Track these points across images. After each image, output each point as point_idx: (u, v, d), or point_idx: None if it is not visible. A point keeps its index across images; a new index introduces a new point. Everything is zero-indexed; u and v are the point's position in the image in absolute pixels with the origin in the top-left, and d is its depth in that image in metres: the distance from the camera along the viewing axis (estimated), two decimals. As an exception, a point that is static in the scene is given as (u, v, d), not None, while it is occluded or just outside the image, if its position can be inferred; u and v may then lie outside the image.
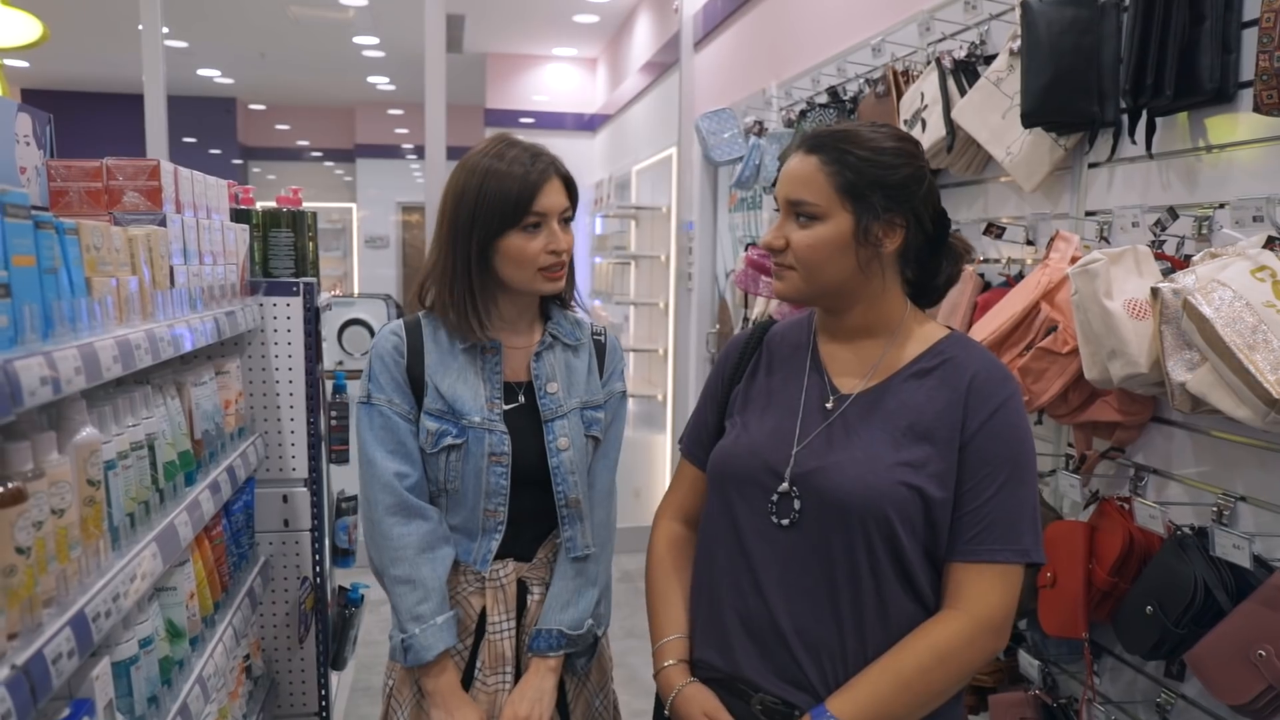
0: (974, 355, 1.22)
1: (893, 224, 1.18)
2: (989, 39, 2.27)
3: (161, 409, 1.50)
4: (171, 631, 1.49)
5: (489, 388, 1.45)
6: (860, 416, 1.20)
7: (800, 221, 1.18)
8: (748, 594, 1.21)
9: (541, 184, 1.39)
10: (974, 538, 1.14)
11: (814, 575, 1.17)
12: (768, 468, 1.21)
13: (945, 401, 1.17)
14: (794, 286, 1.21)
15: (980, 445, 1.15)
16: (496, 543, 1.45)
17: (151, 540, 1.29)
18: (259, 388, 2.10)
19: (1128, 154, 1.82)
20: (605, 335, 1.59)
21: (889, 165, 1.17)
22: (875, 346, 1.24)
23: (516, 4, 6.49)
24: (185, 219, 1.62)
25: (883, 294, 1.23)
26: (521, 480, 1.44)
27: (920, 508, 1.14)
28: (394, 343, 1.45)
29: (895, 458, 1.15)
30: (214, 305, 1.74)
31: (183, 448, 1.56)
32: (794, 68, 3.58)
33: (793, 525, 1.17)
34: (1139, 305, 1.54)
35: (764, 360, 1.34)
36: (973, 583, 1.14)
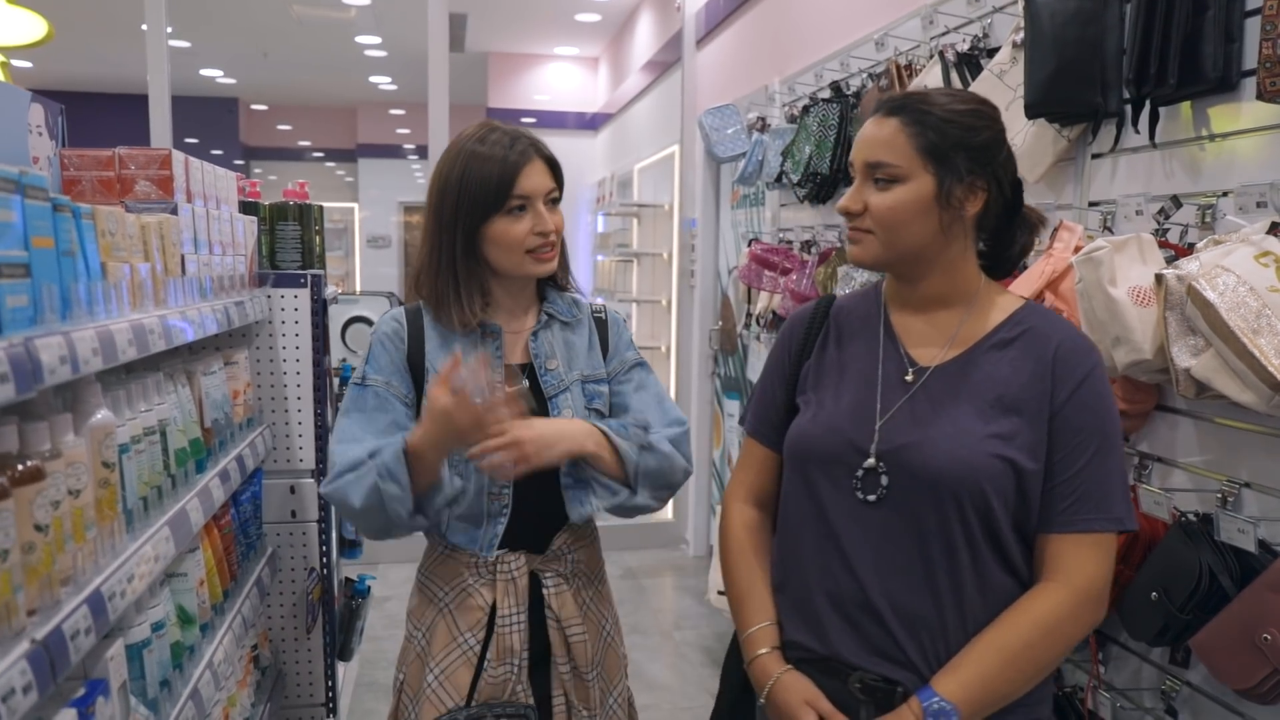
0: (1055, 324, 1.21)
1: (974, 187, 1.18)
2: (992, 32, 2.28)
3: (173, 396, 1.51)
4: (183, 617, 1.50)
5: (491, 371, 1.39)
6: (944, 389, 1.19)
7: (879, 185, 1.18)
8: (838, 573, 1.20)
9: (522, 165, 1.37)
10: (1068, 508, 1.14)
11: (907, 551, 1.16)
12: (851, 445, 1.20)
13: (1031, 372, 1.16)
14: (871, 251, 1.20)
15: (1069, 415, 1.14)
16: (502, 527, 1.41)
17: (164, 524, 1.30)
18: (266, 379, 2.11)
19: (1131, 144, 1.83)
20: (606, 312, 1.58)
21: (971, 127, 1.17)
22: (951, 316, 1.23)
23: (518, 3, 6.51)
24: (196, 209, 1.63)
25: (960, 261, 1.22)
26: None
27: (1013, 480, 1.13)
28: (394, 329, 1.44)
29: (986, 430, 1.14)
30: (223, 295, 1.75)
31: (193, 435, 1.57)
32: (797, 64, 3.59)
33: (880, 501, 1.17)
34: (1143, 292, 1.55)
35: (832, 334, 1.32)
36: (1071, 554, 1.14)
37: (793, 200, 3.49)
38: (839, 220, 3.13)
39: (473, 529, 1.42)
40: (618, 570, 4.66)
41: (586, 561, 1.51)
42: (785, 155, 3.33)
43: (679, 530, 5.17)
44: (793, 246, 3.44)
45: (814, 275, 3.06)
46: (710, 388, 4.89)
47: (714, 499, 4.84)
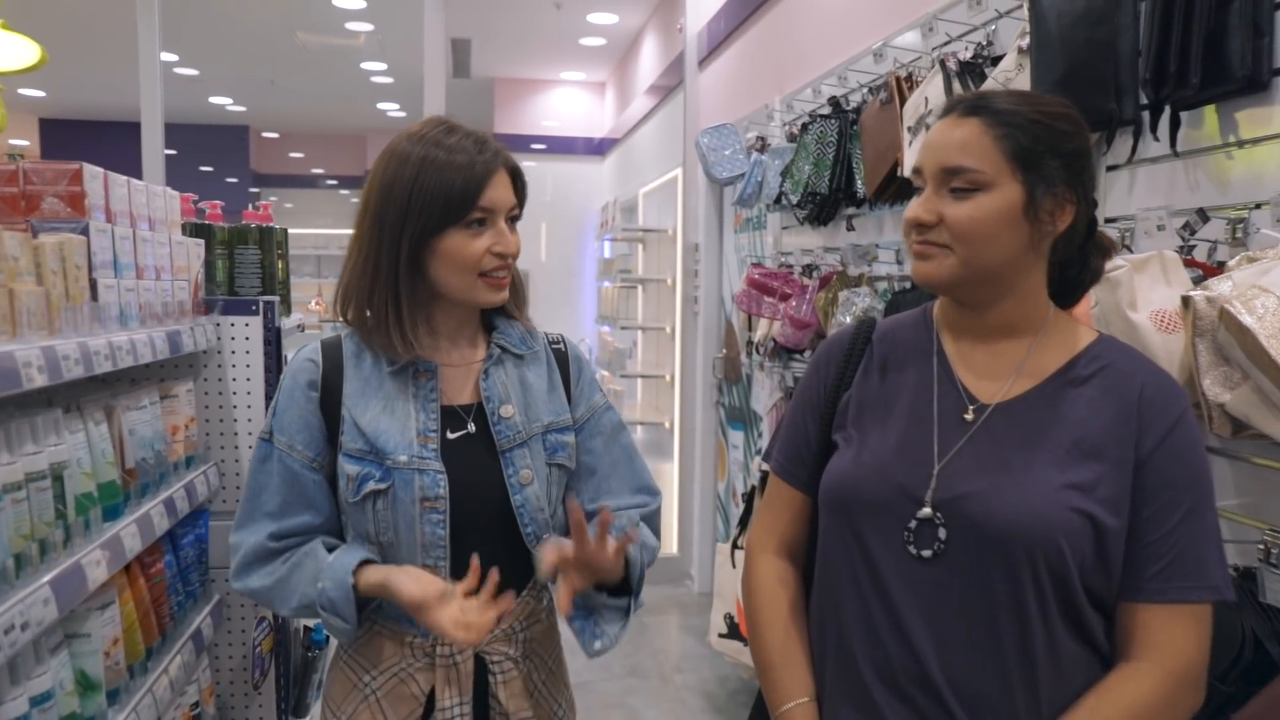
0: (1138, 361, 1.06)
1: (1064, 199, 1.03)
2: (996, 39, 2.13)
3: (80, 435, 1.36)
4: (83, 684, 1.33)
5: (421, 417, 1.21)
6: (1011, 430, 1.04)
7: (956, 194, 1.02)
8: (887, 641, 1.04)
9: (489, 174, 1.19)
10: (1160, 574, 0.99)
11: (970, 618, 1.00)
12: (902, 491, 1.04)
13: (1113, 414, 1.01)
14: (946, 269, 1.03)
15: (1159, 466, 0.99)
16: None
17: (44, 584, 1.15)
18: (215, 413, 1.96)
19: (1150, 153, 1.66)
20: (565, 343, 1.37)
21: (1063, 131, 1.03)
22: (1016, 348, 1.08)
23: (523, 28, 6.44)
24: (117, 229, 1.49)
25: (1036, 286, 1.07)
26: (471, 526, 1.21)
27: (1092, 537, 0.98)
28: (308, 373, 1.23)
29: (1062, 479, 0.99)
30: (153, 323, 1.61)
31: (106, 478, 1.42)
32: (797, 80, 3.45)
33: (936, 558, 1.01)
34: (1167, 317, 1.38)
35: (875, 361, 1.16)
36: (1164, 628, 0.98)
37: (794, 223, 3.33)
38: (840, 243, 2.99)
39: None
40: (618, 608, 4.47)
41: (541, 640, 1.30)
42: (785, 175, 3.18)
43: (683, 565, 4.97)
44: (793, 271, 3.28)
45: (814, 301, 2.89)
46: (715, 417, 4.72)
47: (719, 534, 4.65)
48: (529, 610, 1.27)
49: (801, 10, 3.51)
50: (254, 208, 2.27)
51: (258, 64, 7.58)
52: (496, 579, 1.13)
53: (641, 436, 6.35)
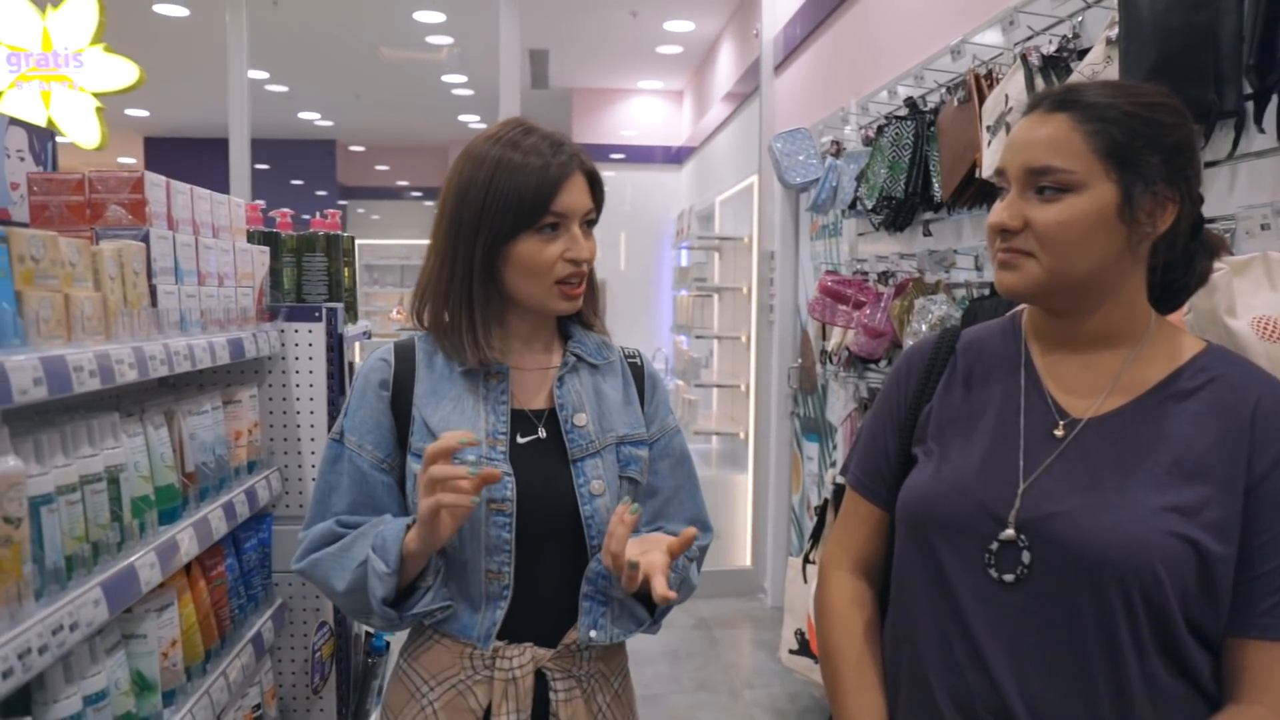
0: (1252, 374, 0.97)
1: (1164, 198, 0.95)
2: (1083, 31, 2.00)
3: (139, 438, 1.38)
4: (139, 684, 1.35)
5: (491, 419, 1.19)
6: (1105, 447, 0.96)
7: (1044, 195, 0.95)
8: (965, 668, 0.98)
9: (564, 178, 1.15)
10: (1273, 609, 0.91)
11: (1055, 648, 0.93)
12: (984, 509, 0.98)
13: (1221, 432, 0.93)
14: (1032, 278, 0.97)
15: (1275, 489, 0.91)
16: (501, 613, 1.16)
17: (95, 586, 1.16)
18: (279, 419, 1.99)
19: (1255, 147, 1.53)
20: (641, 358, 1.34)
21: (1162, 124, 0.94)
22: (1113, 359, 1.00)
23: (599, 37, 6.47)
24: (179, 237, 1.51)
25: (1135, 292, 0.99)
26: (538, 533, 1.17)
27: (1195, 566, 0.90)
28: (380, 373, 1.22)
29: (1161, 501, 0.91)
30: (215, 329, 1.63)
31: (164, 481, 1.44)
32: (873, 83, 3.35)
33: (1019, 582, 0.95)
34: (1272, 324, 1.26)
35: (959, 372, 1.10)
36: (1276, 668, 0.90)
37: (870, 229, 3.23)
38: (916, 249, 2.87)
39: (469, 613, 1.18)
40: (690, 620, 4.40)
41: (606, 659, 1.24)
42: (859, 179, 3.09)
43: (757, 579, 4.88)
44: (868, 278, 3.17)
45: (889, 309, 2.78)
46: (790, 428, 4.62)
47: (793, 548, 4.54)
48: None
49: (878, 11, 3.41)
50: (322, 215, 2.30)
51: (343, 79, 7.81)
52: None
53: (716, 447, 6.27)
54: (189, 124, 9.54)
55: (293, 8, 5.85)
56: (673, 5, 5.79)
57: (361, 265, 11.44)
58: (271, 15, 5.87)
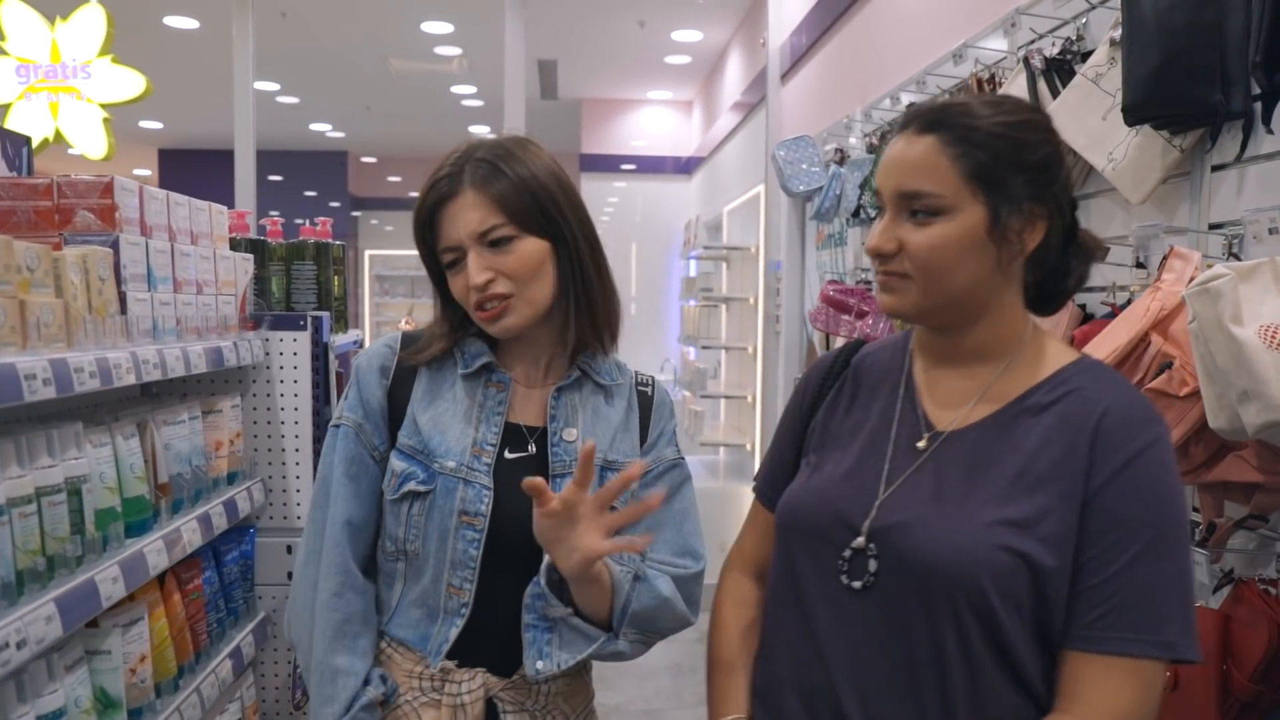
0: (1106, 387, 0.97)
1: (1033, 216, 0.96)
2: (1087, 33, 1.95)
3: (106, 448, 1.34)
4: (103, 701, 1.31)
5: (484, 429, 1.14)
6: (958, 460, 0.98)
7: (917, 219, 0.96)
8: (810, 667, 1.00)
9: (439, 209, 1.10)
10: (1097, 621, 0.90)
11: (892, 655, 0.95)
12: (840, 519, 1.00)
13: (1067, 445, 0.93)
14: (909, 300, 0.99)
15: (1109, 503, 0.91)
16: (455, 630, 1.11)
17: (48, 601, 1.12)
18: (262, 429, 1.95)
19: (1264, 149, 1.47)
20: (653, 386, 1.27)
21: (1026, 142, 0.95)
22: (987, 373, 1.02)
23: (608, 48, 6.46)
24: (153, 243, 1.48)
25: (1010, 307, 1.01)
26: (506, 554, 1.10)
27: (1027, 579, 0.91)
28: (382, 359, 1.18)
29: (997, 515, 0.92)
30: (193, 338, 1.60)
31: (133, 493, 1.40)
32: (878, 90, 3.30)
33: (866, 590, 0.96)
34: (1278, 332, 1.20)
35: (849, 388, 1.12)
36: (1093, 681, 0.90)
37: (873, 236, 3.17)
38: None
39: (426, 624, 1.13)
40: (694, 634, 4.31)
41: (568, 694, 1.16)
42: (863, 187, 3.04)
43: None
44: (871, 287, 3.11)
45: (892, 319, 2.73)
46: (795, 441, 4.55)
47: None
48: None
49: (881, 18, 3.37)
50: (312, 224, 2.27)
51: (354, 91, 7.84)
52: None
53: (723, 458, 6.20)
54: (202, 136, 9.60)
55: (302, 20, 5.87)
56: (680, 15, 5.78)
57: (372, 275, 11.46)
58: (281, 27, 5.89)
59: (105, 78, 4.57)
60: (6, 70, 4.46)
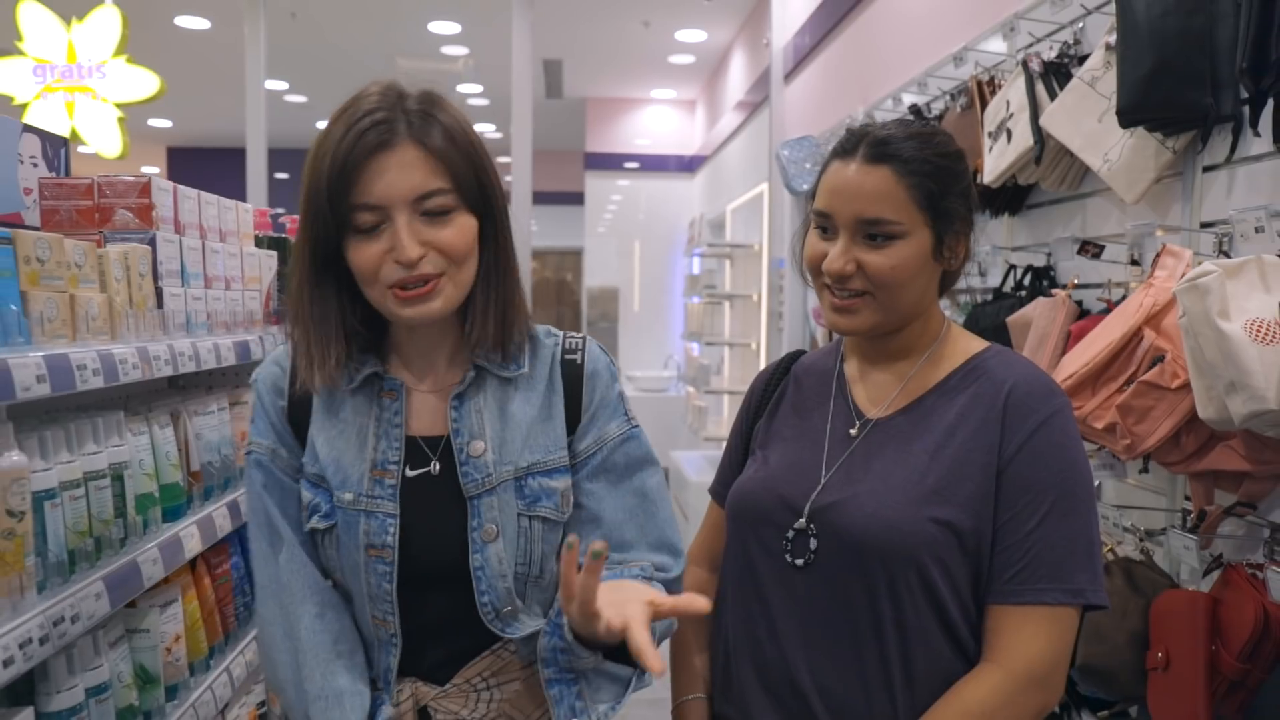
0: (1014, 367, 1.08)
1: (961, 234, 1.08)
2: (1084, 38, 2.01)
3: (144, 437, 1.41)
4: (142, 677, 1.38)
5: (381, 447, 1.01)
6: (884, 443, 1.08)
7: (875, 241, 1.04)
8: (764, 643, 1.08)
9: (365, 158, 0.91)
10: (1014, 576, 1.00)
11: (835, 626, 1.04)
12: (784, 503, 1.09)
13: (979, 420, 1.04)
14: (870, 319, 1.07)
15: (1020, 470, 1.02)
16: (394, 659, 1.02)
17: (97, 579, 1.18)
18: (285, 420, 2.02)
19: (1252, 151, 1.53)
20: (583, 353, 1.09)
21: (958, 171, 1.07)
22: (908, 366, 1.13)
23: (613, 47, 6.51)
24: (186, 241, 1.55)
25: (931, 308, 1.13)
26: (423, 578, 1.01)
27: (954, 545, 1.01)
28: (273, 377, 1.05)
29: (921, 488, 1.02)
30: (222, 331, 1.66)
31: (169, 480, 1.47)
32: (880, 90, 3.36)
33: (808, 566, 1.05)
34: (1265, 326, 1.26)
35: (790, 393, 1.23)
36: (1013, 629, 1.00)
37: (876, 235, 3.23)
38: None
39: (371, 650, 1.05)
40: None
41: (517, 702, 1.05)
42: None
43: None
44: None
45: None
46: (798, 436, 4.62)
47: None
48: (499, 666, 1.04)
49: (884, 19, 3.42)
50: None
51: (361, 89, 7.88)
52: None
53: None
54: (211, 134, 9.67)
55: (311, 19, 5.93)
56: (685, 15, 5.83)
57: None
58: (291, 27, 5.95)
59: (120, 78, 4.64)
60: (24, 70, 4.53)
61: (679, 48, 6.53)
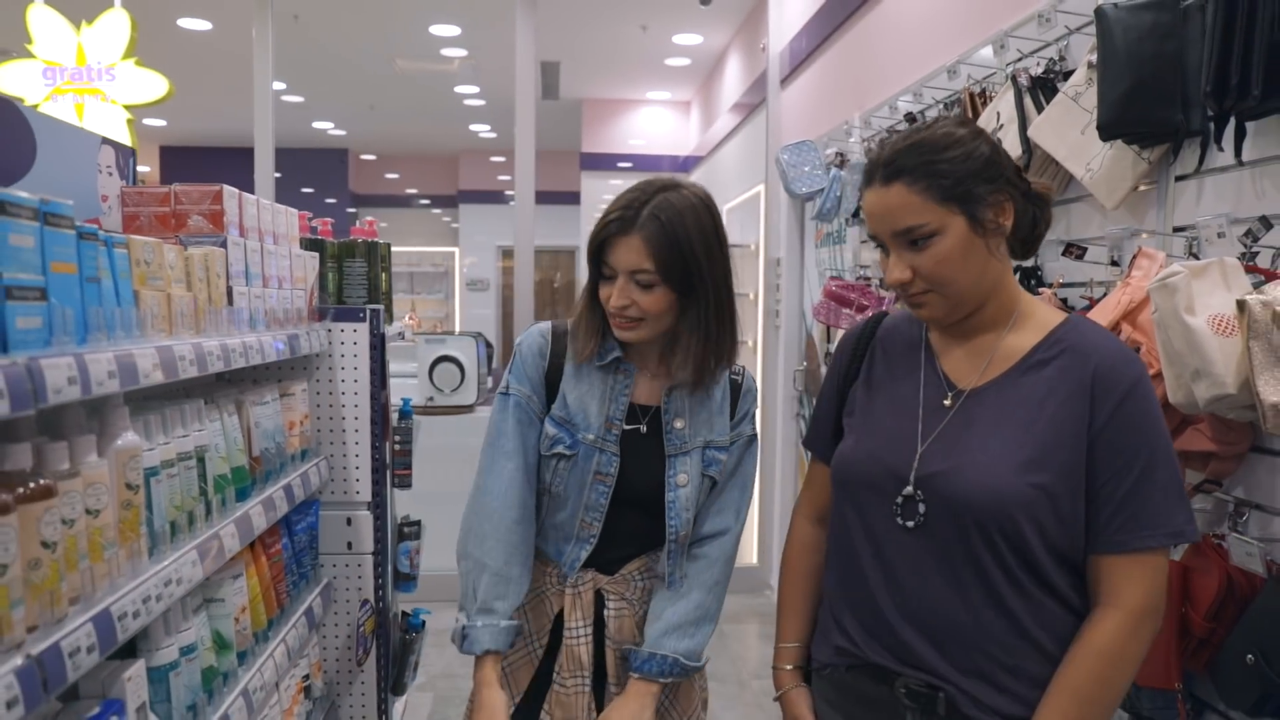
0: (1095, 340, 1.19)
1: (999, 202, 1.17)
2: (1069, 54, 2.17)
3: (217, 423, 1.54)
4: (219, 643, 1.51)
5: (612, 408, 1.48)
6: (979, 413, 1.20)
7: (917, 246, 1.16)
8: (891, 589, 1.23)
9: (609, 237, 1.40)
10: (1120, 528, 1.13)
11: (946, 576, 1.18)
12: (890, 472, 1.22)
13: (1067, 393, 1.15)
14: (941, 308, 1.20)
15: (1112, 437, 1.13)
16: (586, 552, 1.49)
17: (192, 549, 1.32)
18: (326, 411, 2.16)
19: (1218, 163, 1.69)
20: (743, 376, 1.58)
21: (965, 154, 1.15)
22: (992, 339, 1.23)
23: (610, 49, 6.65)
24: (249, 244, 1.68)
25: (1004, 279, 1.22)
26: (625, 501, 1.48)
27: (1049, 507, 1.13)
28: (539, 344, 1.52)
29: (1019, 457, 1.14)
30: (277, 327, 1.80)
31: (237, 463, 1.60)
32: (876, 97, 3.51)
33: (919, 528, 1.19)
34: (1225, 321, 1.42)
35: (878, 357, 1.34)
36: (1125, 575, 1.14)
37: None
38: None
39: (561, 543, 1.51)
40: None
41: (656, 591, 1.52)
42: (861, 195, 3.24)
43: (763, 576, 5.03)
44: (870, 283, 3.33)
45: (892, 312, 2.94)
46: (795, 430, 4.77)
47: (797, 544, 4.68)
48: (646, 565, 1.52)
49: (880, 29, 3.58)
50: (360, 224, 2.47)
51: (359, 90, 8.00)
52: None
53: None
54: (204, 133, 9.74)
55: (314, 22, 6.03)
56: (682, 19, 5.97)
57: (373, 272, 11.61)
58: (292, 29, 6.06)
59: (129, 80, 4.73)
60: (33, 73, 4.61)
61: (675, 50, 6.66)
